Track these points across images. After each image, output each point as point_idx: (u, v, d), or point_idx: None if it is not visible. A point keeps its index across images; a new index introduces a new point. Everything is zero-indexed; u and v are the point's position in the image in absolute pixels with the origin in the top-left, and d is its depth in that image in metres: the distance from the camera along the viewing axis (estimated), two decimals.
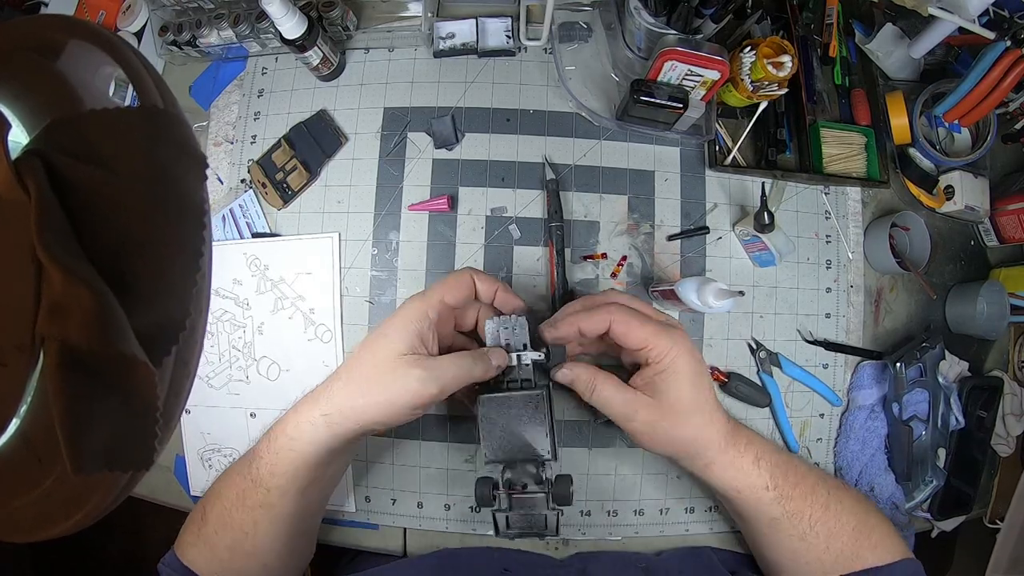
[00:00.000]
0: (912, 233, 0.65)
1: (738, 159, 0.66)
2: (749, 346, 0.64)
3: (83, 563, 1.15)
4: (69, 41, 0.25)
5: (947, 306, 0.68)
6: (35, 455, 0.22)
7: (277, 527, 0.50)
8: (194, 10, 0.66)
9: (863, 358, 0.65)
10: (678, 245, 0.64)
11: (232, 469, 0.54)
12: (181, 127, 0.24)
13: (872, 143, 0.66)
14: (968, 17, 0.54)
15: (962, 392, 0.65)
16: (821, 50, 0.67)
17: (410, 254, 0.63)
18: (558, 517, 0.50)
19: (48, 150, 0.20)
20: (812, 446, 0.64)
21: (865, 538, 0.50)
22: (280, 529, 0.50)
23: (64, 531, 0.23)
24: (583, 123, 0.65)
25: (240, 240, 0.64)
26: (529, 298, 0.63)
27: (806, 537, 0.49)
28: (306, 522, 0.54)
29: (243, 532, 0.50)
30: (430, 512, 0.61)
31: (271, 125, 0.66)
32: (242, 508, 0.50)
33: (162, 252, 0.23)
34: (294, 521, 0.51)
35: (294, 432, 0.48)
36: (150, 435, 0.21)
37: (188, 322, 0.23)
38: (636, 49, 0.60)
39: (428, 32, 0.65)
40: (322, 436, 0.47)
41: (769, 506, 0.49)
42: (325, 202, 0.64)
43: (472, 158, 0.64)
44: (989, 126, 0.65)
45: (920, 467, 0.62)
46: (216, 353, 0.64)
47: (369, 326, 0.63)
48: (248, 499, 0.50)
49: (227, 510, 0.50)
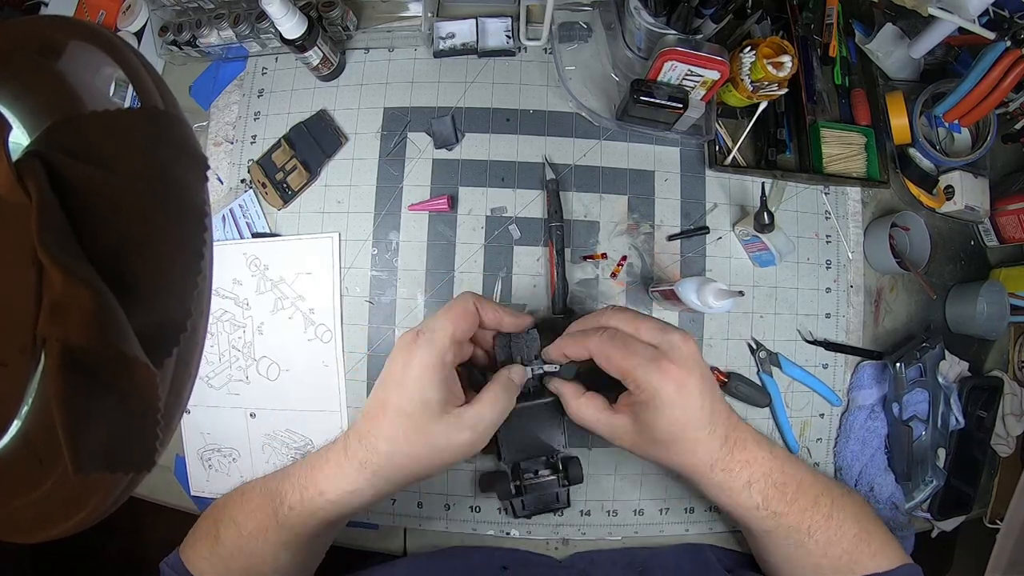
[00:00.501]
0: (912, 233, 0.65)
1: (738, 159, 0.66)
2: (749, 346, 0.64)
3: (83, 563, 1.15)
4: (69, 42, 0.25)
5: (947, 306, 0.68)
6: (36, 456, 0.22)
7: (297, 559, 0.51)
8: (194, 10, 0.66)
9: (863, 358, 0.65)
10: (678, 245, 0.64)
11: (248, 497, 0.54)
12: (181, 127, 0.24)
13: (872, 143, 0.66)
14: (968, 17, 0.54)
15: (962, 392, 0.65)
16: (821, 50, 0.67)
17: (410, 254, 0.63)
18: (568, 490, 0.55)
19: (48, 151, 0.20)
20: (812, 446, 0.64)
21: (865, 545, 0.50)
22: (300, 560, 0.52)
23: (65, 532, 0.23)
24: (583, 123, 0.65)
25: (240, 240, 0.64)
26: (529, 298, 0.63)
27: (804, 544, 0.49)
28: (326, 547, 0.56)
29: (262, 560, 0.50)
30: (430, 512, 0.61)
31: (271, 125, 0.66)
32: (264, 542, 0.50)
33: (162, 253, 0.23)
34: (314, 553, 0.53)
35: (333, 496, 0.48)
36: (151, 436, 0.22)
37: (189, 323, 0.23)
38: (636, 49, 0.60)
39: (428, 32, 0.65)
40: (366, 496, 0.48)
41: (761, 521, 0.49)
42: (325, 202, 0.64)
43: (472, 158, 0.64)
44: (989, 126, 0.65)
45: (920, 467, 0.62)
46: (216, 353, 0.64)
47: (369, 326, 0.63)
48: (271, 536, 0.50)
49: (245, 539, 0.51)
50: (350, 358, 0.62)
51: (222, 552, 0.52)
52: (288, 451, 0.63)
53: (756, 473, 0.49)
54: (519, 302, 0.63)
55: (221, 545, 0.52)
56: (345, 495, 0.48)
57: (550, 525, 0.61)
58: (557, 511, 0.58)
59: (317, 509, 0.48)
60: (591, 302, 0.63)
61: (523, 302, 0.63)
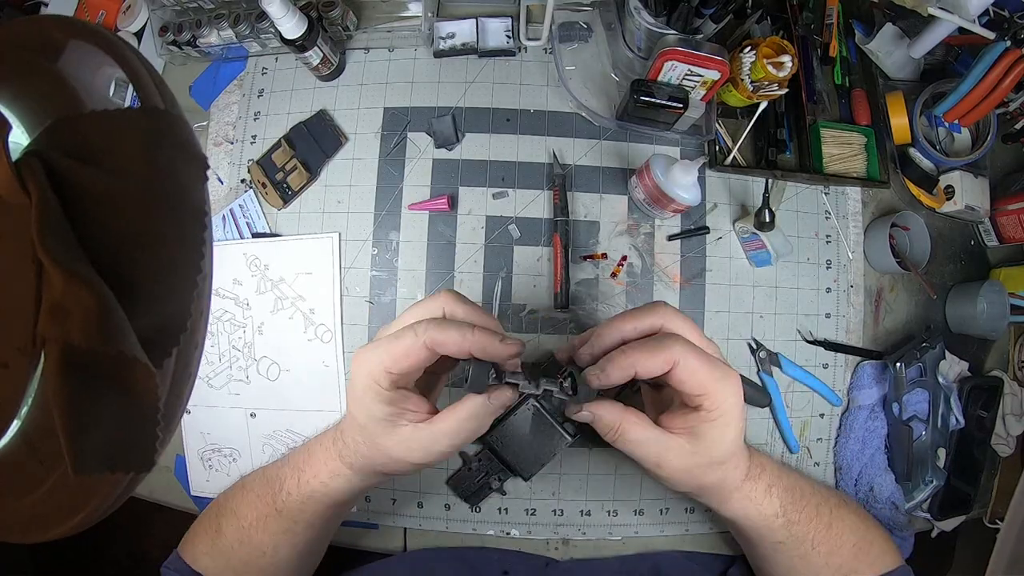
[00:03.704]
0: (912, 233, 0.65)
1: (738, 159, 0.66)
2: (749, 346, 0.64)
3: (83, 563, 1.15)
4: (69, 41, 0.25)
5: (947, 306, 0.68)
6: (36, 456, 0.22)
7: (297, 549, 0.51)
8: (194, 10, 0.66)
9: (863, 358, 0.65)
10: (678, 245, 0.64)
11: (249, 487, 0.55)
12: (181, 127, 0.24)
13: (872, 143, 0.66)
14: (968, 17, 0.54)
15: (962, 392, 0.65)
16: (821, 50, 0.67)
17: (410, 254, 0.63)
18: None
19: (48, 151, 0.20)
20: (812, 446, 0.64)
21: (864, 554, 0.50)
22: (299, 551, 0.52)
23: (65, 532, 0.23)
24: (583, 123, 0.65)
25: (240, 240, 0.64)
26: (529, 298, 0.63)
27: (807, 556, 0.49)
28: (324, 542, 0.56)
29: (261, 552, 0.51)
30: (430, 512, 0.61)
31: (271, 125, 0.66)
32: (263, 531, 0.51)
33: (163, 253, 0.23)
34: (313, 544, 0.53)
35: (326, 478, 0.49)
36: (151, 436, 0.21)
37: (189, 323, 0.23)
38: (636, 49, 0.60)
39: (428, 32, 0.65)
40: (354, 483, 0.48)
41: (776, 532, 0.49)
42: (325, 202, 0.64)
43: (472, 158, 0.64)
44: (989, 126, 0.65)
45: (920, 467, 0.62)
46: (216, 353, 0.64)
47: (369, 326, 0.63)
48: (271, 525, 0.50)
49: (245, 530, 0.51)
50: (350, 358, 0.62)
51: (223, 545, 0.52)
52: (288, 451, 0.63)
53: (771, 477, 0.48)
54: (519, 302, 0.63)
55: (222, 538, 0.52)
56: (333, 478, 0.48)
57: (550, 525, 0.61)
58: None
59: (313, 491, 0.49)
60: (591, 302, 0.63)
61: (523, 302, 0.63)
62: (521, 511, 0.61)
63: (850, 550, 0.49)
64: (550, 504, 0.61)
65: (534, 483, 0.60)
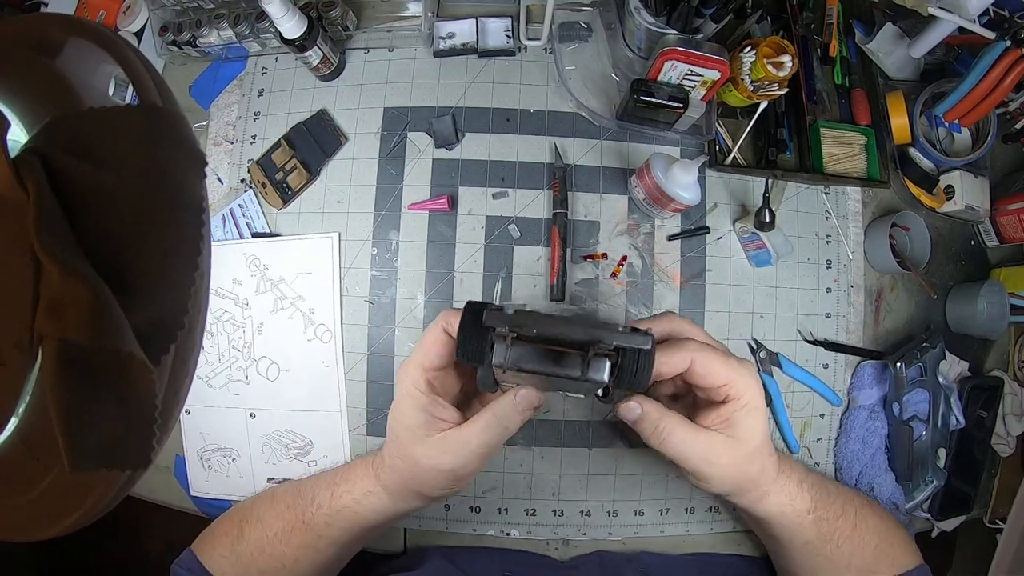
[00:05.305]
0: (912, 233, 0.65)
1: (738, 159, 0.66)
2: (749, 346, 0.63)
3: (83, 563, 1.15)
4: (69, 39, 0.25)
5: (947, 306, 0.68)
6: (33, 454, 0.22)
7: (316, 567, 0.52)
8: (194, 10, 0.66)
9: (863, 358, 0.64)
10: (678, 245, 0.64)
11: (279, 498, 0.55)
12: (180, 125, 0.24)
13: (872, 143, 0.66)
14: (968, 17, 0.54)
15: (962, 392, 0.65)
16: (821, 50, 0.67)
17: (410, 254, 0.63)
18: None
19: (47, 148, 0.20)
20: (812, 446, 0.64)
21: (885, 556, 0.50)
22: (318, 568, 0.52)
23: (62, 530, 0.23)
24: (583, 123, 0.65)
25: (240, 240, 0.64)
26: (529, 298, 0.63)
27: (832, 557, 0.49)
28: (342, 563, 0.56)
29: (282, 564, 0.51)
30: (430, 512, 0.61)
31: (271, 125, 0.66)
32: (286, 544, 0.51)
33: (160, 250, 0.23)
34: (332, 564, 0.53)
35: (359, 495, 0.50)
36: (148, 434, 0.21)
37: (187, 321, 0.23)
38: (636, 49, 0.60)
39: (428, 32, 0.65)
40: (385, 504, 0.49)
41: (806, 529, 0.49)
42: (325, 202, 0.64)
43: (472, 158, 0.64)
44: (989, 126, 0.65)
45: (920, 467, 0.62)
46: (216, 353, 0.64)
47: (369, 326, 0.63)
48: (295, 538, 0.51)
49: (268, 540, 0.51)
50: (350, 358, 0.62)
51: (242, 550, 0.52)
52: (288, 451, 0.63)
53: (801, 472, 0.49)
54: (519, 302, 0.63)
55: (244, 542, 0.52)
56: (366, 495, 0.49)
57: (550, 525, 0.61)
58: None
59: (344, 507, 0.50)
60: (591, 302, 0.63)
61: (523, 302, 0.63)
62: (521, 511, 0.61)
63: (872, 552, 0.50)
64: (550, 504, 0.61)
65: (534, 483, 0.60)
